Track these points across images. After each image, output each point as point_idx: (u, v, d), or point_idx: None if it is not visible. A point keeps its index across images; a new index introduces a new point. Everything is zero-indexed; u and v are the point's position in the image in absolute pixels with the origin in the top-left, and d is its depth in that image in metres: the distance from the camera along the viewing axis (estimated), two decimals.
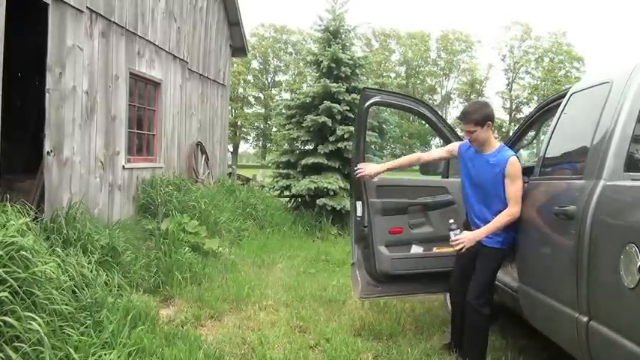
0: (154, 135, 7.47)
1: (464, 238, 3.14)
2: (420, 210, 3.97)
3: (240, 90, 50.58)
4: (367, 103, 3.85)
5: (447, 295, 4.54)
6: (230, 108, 27.01)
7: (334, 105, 8.79)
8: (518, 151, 4.00)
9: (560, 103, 3.08)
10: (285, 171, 9.54)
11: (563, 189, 2.68)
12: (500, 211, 3.09)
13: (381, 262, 3.74)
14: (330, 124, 8.85)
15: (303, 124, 9.13)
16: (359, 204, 3.81)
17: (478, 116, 3.13)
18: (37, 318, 2.60)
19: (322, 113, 8.89)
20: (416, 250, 3.90)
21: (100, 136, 5.76)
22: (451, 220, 3.28)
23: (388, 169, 3.73)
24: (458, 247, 3.15)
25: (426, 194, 4.00)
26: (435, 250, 3.88)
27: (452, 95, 65.42)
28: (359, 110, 3.91)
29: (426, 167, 4.01)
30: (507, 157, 3.09)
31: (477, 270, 3.21)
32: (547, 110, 3.56)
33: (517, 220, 3.08)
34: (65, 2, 4.98)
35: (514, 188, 3.05)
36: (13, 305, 2.57)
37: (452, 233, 3.20)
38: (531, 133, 4.24)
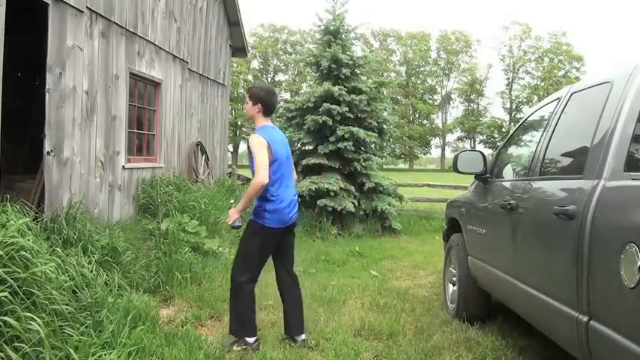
0: (153, 135, 7.47)
1: (231, 212, 3.49)
2: None
3: (241, 90, 50.58)
4: None
5: (447, 296, 4.55)
6: (230, 108, 26.98)
7: (333, 107, 8.78)
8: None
9: (548, 106, 3.08)
10: None
11: (563, 188, 2.68)
12: None
13: None
14: (331, 124, 8.84)
15: (304, 126, 9.12)
16: None
17: (251, 90, 3.52)
18: (36, 318, 2.60)
19: (322, 114, 8.88)
20: None
21: (100, 136, 5.76)
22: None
23: None
24: (228, 222, 3.50)
25: None
26: None
27: (452, 95, 65.50)
28: None
29: (462, 166, 3.88)
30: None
31: None
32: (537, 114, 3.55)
33: (276, 194, 3.37)
34: (65, 2, 4.98)
35: (254, 162, 3.28)
36: (13, 305, 2.57)
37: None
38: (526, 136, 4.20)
